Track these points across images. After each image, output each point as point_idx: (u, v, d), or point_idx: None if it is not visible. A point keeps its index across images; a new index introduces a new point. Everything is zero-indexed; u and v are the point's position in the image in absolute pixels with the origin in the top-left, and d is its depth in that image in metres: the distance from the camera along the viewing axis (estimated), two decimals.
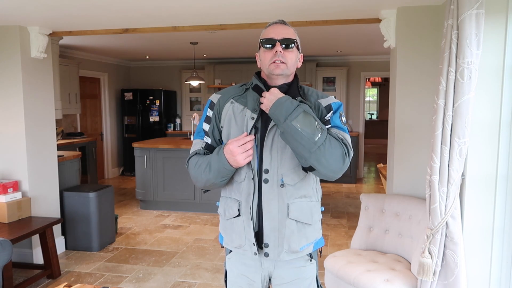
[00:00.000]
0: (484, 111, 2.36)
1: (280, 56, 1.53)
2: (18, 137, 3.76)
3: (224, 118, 1.62)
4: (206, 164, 1.57)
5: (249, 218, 1.57)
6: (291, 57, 1.56)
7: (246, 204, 1.57)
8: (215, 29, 3.72)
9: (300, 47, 1.63)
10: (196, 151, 1.67)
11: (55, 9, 3.12)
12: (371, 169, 9.27)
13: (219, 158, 1.53)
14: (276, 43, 1.53)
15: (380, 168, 4.85)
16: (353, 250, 2.99)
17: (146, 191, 5.81)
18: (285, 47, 1.54)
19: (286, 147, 1.54)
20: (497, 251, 2.43)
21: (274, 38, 1.54)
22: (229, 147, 1.50)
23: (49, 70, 4.05)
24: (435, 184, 2.34)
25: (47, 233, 3.57)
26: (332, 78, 8.04)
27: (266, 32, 1.58)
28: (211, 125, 1.65)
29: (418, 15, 3.03)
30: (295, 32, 1.61)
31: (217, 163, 1.54)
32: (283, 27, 1.57)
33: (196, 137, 1.70)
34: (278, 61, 1.53)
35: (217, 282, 3.53)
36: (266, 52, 1.56)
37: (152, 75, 8.92)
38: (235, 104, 1.61)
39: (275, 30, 1.56)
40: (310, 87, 1.70)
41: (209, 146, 1.66)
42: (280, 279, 1.66)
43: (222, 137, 1.64)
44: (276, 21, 1.60)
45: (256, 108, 1.56)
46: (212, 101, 1.67)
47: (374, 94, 14.90)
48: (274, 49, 1.54)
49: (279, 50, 1.53)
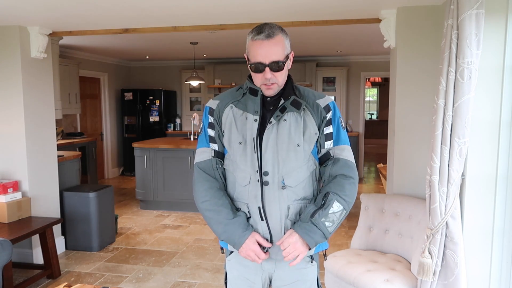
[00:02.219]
0: (484, 111, 2.36)
1: (271, 79, 1.52)
2: (18, 137, 3.76)
3: (225, 123, 1.62)
4: (217, 221, 1.57)
5: (259, 219, 1.57)
6: (281, 74, 1.54)
7: (254, 206, 1.57)
8: (215, 29, 3.72)
9: (289, 52, 1.55)
10: (206, 160, 1.65)
11: (55, 9, 3.11)
12: (371, 169, 9.27)
13: (235, 239, 1.55)
14: (265, 68, 1.50)
15: (380, 168, 4.86)
16: (353, 250, 2.99)
17: (146, 191, 5.81)
18: (275, 70, 1.51)
19: (285, 149, 1.55)
20: (497, 251, 2.43)
21: (263, 63, 1.49)
22: (247, 253, 1.54)
23: (49, 70, 4.05)
24: (435, 184, 2.34)
25: (47, 233, 3.57)
26: (332, 78, 8.04)
27: (253, 51, 1.50)
28: (216, 130, 1.65)
29: (418, 15, 3.03)
30: (283, 38, 1.51)
31: (228, 238, 1.57)
32: (270, 44, 1.48)
33: (201, 145, 1.68)
34: (269, 83, 1.53)
35: (217, 282, 3.53)
36: (256, 74, 1.54)
37: (152, 75, 8.91)
38: (235, 108, 1.61)
39: (262, 50, 1.48)
40: (306, 87, 1.70)
41: (218, 153, 1.66)
42: (280, 281, 1.66)
43: (224, 142, 1.64)
44: (261, 35, 1.48)
45: (257, 109, 1.57)
46: (211, 107, 1.66)
47: (374, 94, 14.90)
48: (263, 74, 1.51)
49: (268, 76, 1.51)
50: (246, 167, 1.57)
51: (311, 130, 1.58)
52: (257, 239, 1.55)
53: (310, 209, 1.54)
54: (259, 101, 1.57)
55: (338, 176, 1.57)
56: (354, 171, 1.60)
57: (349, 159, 1.60)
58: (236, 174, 1.61)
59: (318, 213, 1.51)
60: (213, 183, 1.62)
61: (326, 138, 1.60)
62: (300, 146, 1.56)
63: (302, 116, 1.57)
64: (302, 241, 1.52)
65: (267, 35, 1.47)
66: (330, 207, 1.52)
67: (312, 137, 1.58)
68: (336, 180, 1.57)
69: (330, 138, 1.60)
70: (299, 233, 1.51)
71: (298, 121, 1.56)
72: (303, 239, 1.51)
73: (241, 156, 1.58)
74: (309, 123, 1.58)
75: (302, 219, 1.54)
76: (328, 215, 1.51)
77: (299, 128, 1.56)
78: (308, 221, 1.51)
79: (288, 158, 1.55)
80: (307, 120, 1.58)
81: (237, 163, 1.59)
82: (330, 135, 1.60)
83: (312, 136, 1.58)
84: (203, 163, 1.65)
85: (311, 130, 1.58)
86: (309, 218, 1.52)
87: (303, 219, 1.53)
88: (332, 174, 1.59)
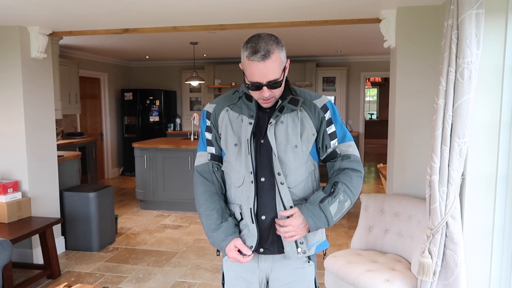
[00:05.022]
0: (484, 111, 2.36)
1: (269, 96, 1.52)
2: (18, 137, 3.76)
3: (221, 125, 1.64)
4: (207, 225, 1.63)
5: (251, 221, 1.58)
6: (279, 90, 1.54)
7: (246, 207, 1.59)
8: (215, 29, 3.72)
9: (285, 63, 1.53)
10: (202, 164, 1.69)
11: (55, 9, 3.12)
12: (371, 169, 9.27)
13: (218, 244, 1.61)
14: (263, 87, 1.48)
15: (380, 168, 4.86)
16: (353, 250, 2.99)
17: (146, 191, 5.81)
18: (273, 88, 1.50)
19: (283, 150, 1.56)
20: (497, 251, 2.43)
21: (260, 82, 1.47)
22: (229, 254, 1.58)
23: (49, 70, 4.05)
24: (435, 184, 2.34)
25: (47, 233, 3.57)
26: (332, 78, 8.04)
27: (249, 70, 1.47)
28: (213, 133, 1.68)
29: (418, 15, 3.03)
30: (279, 53, 1.47)
31: (213, 243, 1.63)
32: (266, 65, 1.44)
33: (199, 149, 1.72)
34: (266, 99, 1.53)
35: (217, 282, 3.53)
36: (253, 91, 1.53)
37: (152, 75, 8.91)
38: (230, 111, 1.63)
39: (259, 71, 1.45)
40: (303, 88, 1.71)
41: (215, 156, 1.68)
42: (277, 280, 1.66)
43: (221, 144, 1.66)
44: (257, 57, 1.43)
45: (252, 114, 1.58)
46: (208, 111, 1.69)
47: (374, 94, 14.90)
48: (261, 92, 1.51)
49: (266, 95, 1.51)
50: (240, 169, 1.59)
51: (308, 131, 1.58)
52: (236, 245, 1.58)
53: (319, 194, 1.57)
54: (254, 106, 1.59)
55: (347, 169, 1.61)
56: (361, 166, 1.65)
57: (357, 155, 1.65)
58: (231, 175, 1.64)
59: (327, 199, 1.54)
60: (208, 187, 1.66)
61: (331, 138, 1.62)
62: (298, 147, 1.57)
63: (299, 117, 1.58)
64: (305, 224, 1.53)
65: (263, 56, 1.43)
66: (339, 196, 1.55)
67: (310, 138, 1.59)
68: (345, 172, 1.61)
69: (335, 136, 1.62)
70: (305, 215, 1.52)
71: (295, 122, 1.57)
72: (306, 221, 1.52)
73: (236, 158, 1.60)
74: (307, 124, 1.58)
75: (310, 202, 1.55)
76: (336, 203, 1.54)
77: (296, 129, 1.57)
78: (317, 205, 1.53)
79: (286, 159, 1.56)
80: (304, 121, 1.58)
81: (232, 165, 1.62)
82: (334, 134, 1.62)
83: (310, 137, 1.59)
84: (201, 167, 1.69)
85: (309, 131, 1.59)
86: (318, 202, 1.53)
87: (311, 202, 1.55)
88: (342, 167, 1.62)
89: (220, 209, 1.63)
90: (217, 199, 1.65)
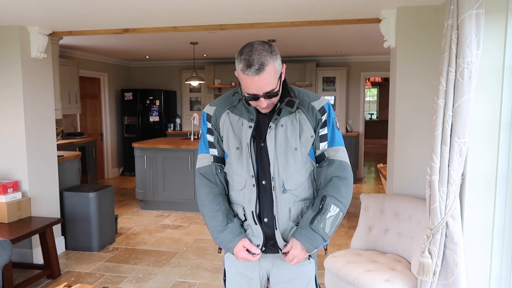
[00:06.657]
0: (484, 111, 2.36)
1: (266, 105, 1.53)
2: (18, 137, 3.76)
3: (222, 128, 1.64)
4: (212, 227, 1.63)
5: (254, 223, 1.60)
6: (276, 98, 1.55)
7: (249, 210, 1.61)
8: (215, 29, 3.72)
9: (281, 69, 1.51)
10: (205, 166, 1.69)
11: (55, 9, 3.11)
12: (371, 169, 9.27)
13: (225, 245, 1.61)
14: (260, 98, 1.49)
15: (380, 168, 4.85)
16: (353, 250, 2.99)
17: (146, 191, 5.81)
18: (270, 97, 1.51)
19: (283, 153, 1.57)
20: (497, 251, 2.43)
21: (257, 94, 1.48)
22: (238, 255, 1.59)
23: (49, 70, 4.05)
24: (435, 184, 2.34)
25: (47, 233, 3.57)
26: (332, 78, 8.04)
27: (244, 83, 1.46)
28: (214, 136, 1.68)
29: (418, 15, 3.03)
30: (273, 64, 1.45)
31: (220, 243, 1.63)
32: (261, 78, 1.43)
33: (201, 151, 1.72)
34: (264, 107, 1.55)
35: (217, 282, 3.53)
36: (251, 101, 1.54)
37: (152, 75, 8.91)
38: (231, 114, 1.63)
39: (255, 84, 1.44)
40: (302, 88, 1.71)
41: (217, 158, 1.69)
42: (278, 277, 1.68)
43: (223, 147, 1.66)
44: (251, 71, 1.41)
45: (252, 117, 1.59)
46: (208, 114, 1.68)
47: (374, 94, 14.90)
48: (258, 102, 1.52)
49: (264, 105, 1.52)
50: (242, 172, 1.60)
51: (307, 133, 1.59)
52: (244, 245, 1.59)
53: (309, 214, 1.57)
54: (254, 109, 1.60)
55: (334, 177, 1.60)
56: (349, 171, 1.62)
57: (344, 160, 1.63)
58: (233, 178, 1.65)
59: (317, 219, 1.54)
60: (212, 188, 1.67)
61: (321, 140, 1.62)
62: (297, 150, 1.58)
63: (297, 119, 1.58)
64: (303, 247, 1.56)
65: (257, 70, 1.41)
66: (328, 211, 1.55)
67: (308, 140, 1.60)
68: (332, 183, 1.59)
69: (325, 139, 1.63)
70: (301, 241, 1.55)
71: (294, 125, 1.58)
72: (304, 246, 1.55)
73: (237, 161, 1.61)
74: (305, 126, 1.59)
75: (301, 225, 1.57)
76: (327, 220, 1.54)
77: (296, 131, 1.58)
78: (308, 227, 1.54)
79: (287, 162, 1.57)
80: (302, 123, 1.59)
81: (234, 168, 1.63)
82: (325, 136, 1.62)
83: (308, 139, 1.60)
84: (203, 169, 1.69)
85: (307, 133, 1.59)
86: (308, 224, 1.54)
87: (303, 225, 1.56)
88: (328, 176, 1.61)
89: (225, 210, 1.64)
90: (222, 200, 1.66)
